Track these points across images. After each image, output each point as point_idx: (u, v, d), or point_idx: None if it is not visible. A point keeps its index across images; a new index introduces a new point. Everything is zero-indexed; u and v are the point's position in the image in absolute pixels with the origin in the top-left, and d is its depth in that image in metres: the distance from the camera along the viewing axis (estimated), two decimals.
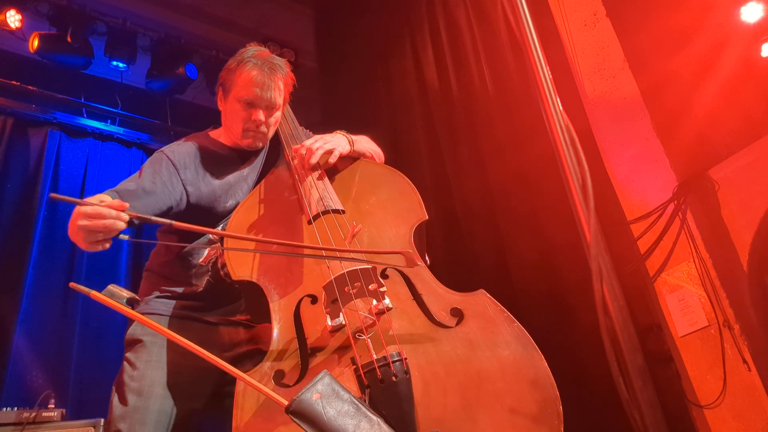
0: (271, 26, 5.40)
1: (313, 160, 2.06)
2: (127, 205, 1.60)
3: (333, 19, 5.46)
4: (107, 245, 1.61)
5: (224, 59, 5.54)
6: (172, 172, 2.06)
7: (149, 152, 5.51)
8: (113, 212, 1.57)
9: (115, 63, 5.01)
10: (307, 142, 2.11)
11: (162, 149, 2.16)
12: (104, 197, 1.85)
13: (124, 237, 1.63)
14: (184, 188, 2.06)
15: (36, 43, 4.59)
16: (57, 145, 5.00)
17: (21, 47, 4.74)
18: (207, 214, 2.10)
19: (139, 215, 1.64)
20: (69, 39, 4.61)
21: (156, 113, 5.48)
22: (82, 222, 1.56)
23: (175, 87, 5.25)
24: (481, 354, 1.57)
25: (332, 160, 2.10)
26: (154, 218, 1.65)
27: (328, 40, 5.48)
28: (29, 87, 4.85)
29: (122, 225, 1.60)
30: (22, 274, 4.39)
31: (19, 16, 4.52)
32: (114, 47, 4.92)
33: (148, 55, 5.14)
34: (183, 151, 2.15)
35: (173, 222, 1.63)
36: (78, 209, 1.58)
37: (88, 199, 1.65)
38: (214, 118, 2.36)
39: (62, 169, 4.98)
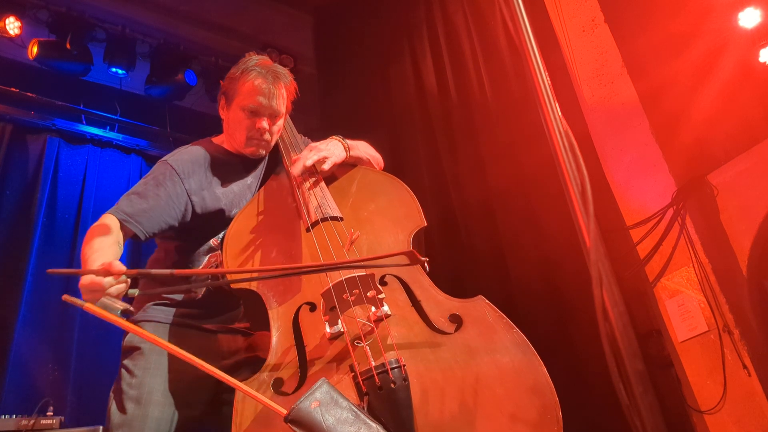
0: (270, 32, 5.41)
1: (308, 163, 2.05)
2: (123, 270, 1.59)
3: (332, 25, 5.47)
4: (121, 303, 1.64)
5: (223, 66, 5.57)
6: (176, 182, 2.04)
7: (148, 158, 5.51)
8: (112, 280, 1.56)
9: (114, 69, 5.02)
10: (302, 154, 2.10)
11: (165, 158, 2.13)
12: (109, 221, 1.87)
13: (133, 293, 1.63)
14: (189, 198, 2.05)
15: (35, 49, 4.60)
16: (56, 151, 5.00)
17: (20, 54, 4.74)
18: (212, 223, 2.09)
19: (140, 271, 1.62)
20: (68, 46, 4.62)
21: (155, 120, 5.47)
22: (87, 296, 1.56)
23: (174, 93, 5.25)
24: (480, 360, 1.56)
25: (326, 167, 2.09)
26: (154, 271, 1.64)
27: (327, 46, 5.49)
28: (28, 94, 4.85)
29: (124, 288, 1.61)
30: (21, 281, 4.39)
31: (18, 23, 4.53)
32: (113, 54, 4.93)
33: (147, 61, 5.15)
34: (186, 159, 2.13)
35: (174, 271, 1.61)
36: (80, 282, 1.58)
37: (89, 265, 1.63)
38: (213, 125, 2.36)
39: (61, 175, 4.98)
